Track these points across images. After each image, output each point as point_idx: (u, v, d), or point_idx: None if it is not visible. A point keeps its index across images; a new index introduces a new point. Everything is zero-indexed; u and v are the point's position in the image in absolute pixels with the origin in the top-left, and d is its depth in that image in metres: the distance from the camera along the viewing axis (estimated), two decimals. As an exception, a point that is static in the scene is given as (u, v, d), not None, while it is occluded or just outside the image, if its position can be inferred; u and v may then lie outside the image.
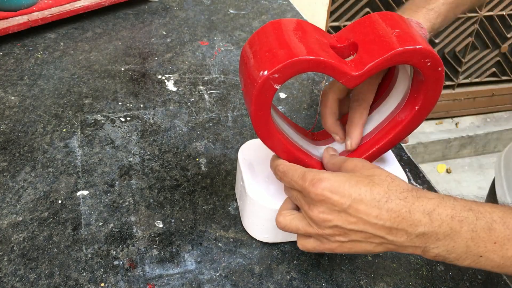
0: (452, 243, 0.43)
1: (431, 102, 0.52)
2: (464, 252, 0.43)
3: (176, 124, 0.76)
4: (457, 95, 2.20)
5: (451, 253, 0.44)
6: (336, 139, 0.58)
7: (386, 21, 0.49)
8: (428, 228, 0.43)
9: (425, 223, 0.43)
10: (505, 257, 0.43)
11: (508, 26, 2.05)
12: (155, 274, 0.55)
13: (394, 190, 0.44)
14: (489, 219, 0.43)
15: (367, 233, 0.45)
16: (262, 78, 0.45)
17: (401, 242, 0.44)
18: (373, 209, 0.43)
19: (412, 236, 0.43)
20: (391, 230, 0.44)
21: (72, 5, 0.96)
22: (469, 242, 0.43)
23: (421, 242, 0.44)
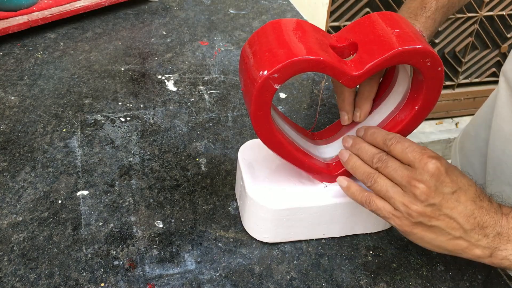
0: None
1: (431, 102, 0.52)
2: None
3: (176, 124, 0.76)
4: (457, 95, 2.20)
5: None
6: (344, 119, 0.59)
7: (386, 21, 0.50)
8: (503, 229, 0.47)
9: (503, 224, 0.47)
10: None
11: (508, 26, 2.05)
12: (155, 274, 0.55)
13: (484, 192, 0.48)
14: None
15: (455, 222, 0.47)
16: (262, 78, 0.45)
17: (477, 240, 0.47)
18: (471, 203, 0.46)
19: (490, 236, 0.47)
20: (476, 228, 0.46)
21: (72, 5, 0.96)
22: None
23: (495, 243, 0.47)
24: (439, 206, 0.46)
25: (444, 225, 0.47)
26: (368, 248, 0.60)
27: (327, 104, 0.83)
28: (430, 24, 0.64)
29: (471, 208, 0.46)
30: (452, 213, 0.46)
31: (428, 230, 0.48)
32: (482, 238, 0.47)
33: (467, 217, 0.46)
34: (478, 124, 0.78)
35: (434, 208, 0.47)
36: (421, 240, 0.49)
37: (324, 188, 0.57)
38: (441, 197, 0.46)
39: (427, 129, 2.19)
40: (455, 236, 0.47)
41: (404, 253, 0.59)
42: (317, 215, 0.57)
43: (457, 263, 0.59)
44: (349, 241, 0.60)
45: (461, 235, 0.47)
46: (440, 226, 0.47)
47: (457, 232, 0.47)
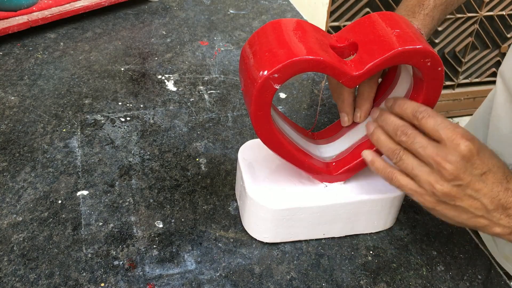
0: None
1: (431, 102, 0.52)
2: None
3: (176, 124, 0.76)
4: (457, 95, 2.20)
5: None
6: (344, 120, 0.58)
7: (386, 21, 0.50)
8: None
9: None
10: None
11: (508, 26, 2.05)
12: (155, 274, 0.55)
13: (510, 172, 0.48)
14: None
15: (480, 202, 0.47)
16: (262, 78, 0.45)
17: (500, 220, 0.47)
18: (498, 185, 0.46)
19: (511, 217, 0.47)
20: (500, 208, 0.47)
21: (72, 5, 0.96)
22: None
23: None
24: (466, 187, 0.46)
25: (468, 205, 0.47)
26: (368, 248, 0.60)
27: (327, 104, 0.83)
28: (428, 21, 0.63)
29: (497, 189, 0.46)
30: (478, 194, 0.46)
31: (451, 208, 0.48)
32: (504, 218, 0.47)
33: (491, 198, 0.46)
34: (476, 124, 0.78)
35: (460, 188, 0.46)
36: (443, 216, 0.49)
37: (324, 188, 0.57)
38: (469, 178, 0.46)
39: (427, 129, 2.19)
40: (477, 215, 0.47)
41: (404, 253, 0.60)
42: (317, 215, 0.57)
43: (457, 263, 0.59)
44: (349, 241, 0.60)
45: (483, 214, 0.47)
46: (463, 206, 0.47)
47: (479, 212, 0.47)
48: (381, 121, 0.51)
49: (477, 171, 0.46)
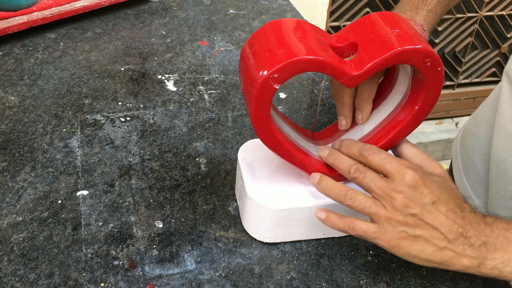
0: (507, 254, 0.46)
1: (431, 102, 0.52)
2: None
3: (176, 124, 0.76)
4: (457, 95, 2.20)
5: (506, 266, 0.46)
6: (342, 123, 0.59)
7: (386, 21, 0.50)
8: (488, 239, 0.46)
9: (488, 233, 0.46)
10: None
11: (508, 26, 2.05)
12: (155, 274, 0.55)
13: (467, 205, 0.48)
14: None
15: (438, 232, 0.46)
16: (262, 78, 0.45)
17: (463, 250, 0.47)
18: (452, 213, 0.46)
19: (475, 245, 0.46)
20: (459, 237, 0.46)
21: (72, 5, 0.96)
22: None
23: (481, 252, 0.46)
24: (420, 215, 0.46)
25: (428, 234, 0.47)
26: (368, 248, 0.60)
27: (327, 104, 0.83)
28: (432, 17, 0.63)
29: (452, 217, 0.46)
30: (434, 223, 0.46)
31: (413, 241, 0.47)
32: (468, 248, 0.46)
33: (449, 227, 0.46)
34: (479, 123, 0.78)
35: (416, 217, 0.47)
36: (409, 254, 0.48)
37: (324, 188, 0.57)
38: (421, 207, 0.46)
39: (427, 129, 2.19)
40: (440, 246, 0.47)
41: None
42: (317, 215, 0.57)
43: (457, 263, 0.59)
44: (349, 241, 0.60)
45: (446, 245, 0.47)
46: (424, 236, 0.47)
47: (442, 243, 0.47)
48: (333, 160, 0.53)
49: (427, 200, 0.46)
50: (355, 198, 0.49)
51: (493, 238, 0.46)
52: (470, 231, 0.46)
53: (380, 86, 0.59)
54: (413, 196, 0.46)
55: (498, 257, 0.46)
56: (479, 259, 0.46)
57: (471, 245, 0.46)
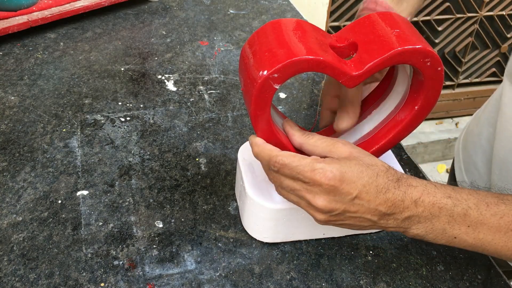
0: (431, 225, 0.48)
1: (431, 102, 0.52)
2: (441, 233, 0.49)
3: (176, 124, 0.76)
4: (457, 95, 2.20)
5: (429, 233, 0.49)
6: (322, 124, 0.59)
7: (386, 21, 0.49)
8: (413, 213, 0.48)
9: (411, 208, 0.47)
10: (476, 238, 0.49)
11: (508, 26, 2.05)
12: (155, 274, 0.55)
13: (391, 180, 0.48)
14: (465, 205, 0.48)
15: (363, 218, 0.48)
16: (262, 78, 0.45)
17: (388, 224, 0.49)
18: (375, 199, 0.47)
19: (399, 220, 0.48)
20: (384, 216, 0.48)
21: (72, 5, 0.96)
22: (446, 225, 0.48)
23: (405, 225, 0.49)
24: (343, 212, 0.48)
25: (353, 222, 0.49)
26: (368, 248, 0.60)
27: (327, 104, 0.83)
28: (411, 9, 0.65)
29: (375, 203, 0.47)
30: (357, 214, 0.48)
31: (341, 225, 0.50)
32: (391, 222, 0.48)
33: (372, 212, 0.47)
34: (481, 123, 0.78)
35: (339, 215, 0.48)
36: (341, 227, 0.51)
37: (324, 188, 0.57)
38: (343, 206, 0.47)
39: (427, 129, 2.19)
40: (367, 225, 0.49)
41: (404, 253, 0.59)
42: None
43: (457, 263, 0.59)
44: (349, 241, 0.60)
45: (371, 224, 0.49)
46: (350, 223, 0.49)
47: (367, 223, 0.49)
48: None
49: (348, 197, 0.47)
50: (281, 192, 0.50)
51: (417, 213, 0.48)
52: (393, 210, 0.47)
53: (380, 86, 0.59)
54: (333, 200, 0.47)
55: (421, 227, 0.48)
56: (404, 228, 0.49)
57: (395, 220, 0.48)
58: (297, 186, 0.48)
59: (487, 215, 0.48)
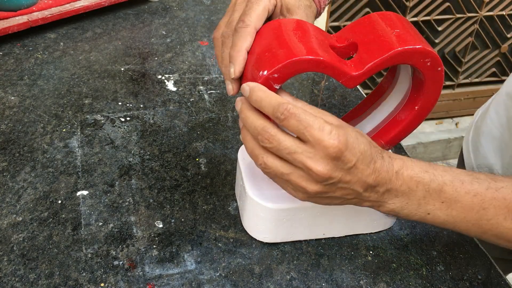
0: (407, 200, 0.48)
1: (431, 102, 0.52)
2: (415, 209, 0.49)
3: (176, 124, 0.76)
4: (457, 95, 2.20)
5: (404, 209, 0.49)
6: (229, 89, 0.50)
7: (386, 21, 0.49)
8: (393, 186, 0.47)
9: (392, 181, 0.47)
10: (449, 215, 0.49)
11: (508, 26, 2.05)
12: (155, 274, 0.55)
13: (378, 151, 0.47)
14: (440, 181, 0.48)
15: (351, 190, 0.47)
16: (262, 78, 0.45)
17: (370, 197, 0.48)
18: (367, 169, 0.46)
19: (379, 193, 0.47)
20: (369, 188, 0.47)
21: (72, 5, 0.96)
22: (421, 200, 0.48)
23: (384, 198, 0.48)
24: (337, 182, 0.45)
25: (340, 194, 0.47)
26: (368, 248, 0.60)
27: (327, 104, 0.83)
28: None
29: (365, 174, 0.45)
30: (348, 185, 0.46)
31: (324, 199, 0.48)
32: (373, 195, 0.47)
33: (361, 183, 0.46)
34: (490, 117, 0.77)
35: (332, 184, 0.45)
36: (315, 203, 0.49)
37: (324, 188, 0.57)
38: (340, 174, 0.45)
39: (427, 129, 2.19)
40: (348, 198, 0.48)
41: (404, 253, 0.60)
42: (317, 215, 0.57)
43: (457, 263, 0.59)
44: (349, 241, 0.60)
45: (355, 197, 0.48)
46: (336, 196, 0.47)
47: (351, 196, 0.47)
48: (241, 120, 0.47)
49: (347, 165, 0.44)
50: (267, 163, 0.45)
51: (396, 186, 0.47)
52: (379, 182, 0.46)
53: (380, 86, 0.59)
54: (334, 167, 0.44)
55: (397, 202, 0.48)
56: (380, 202, 0.48)
57: (376, 192, 0.47)
58: (298, 147, 0.43)
59: (461, 192, 0.48)
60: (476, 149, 0.81)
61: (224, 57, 0.51)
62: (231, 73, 0.49)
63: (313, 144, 0.43)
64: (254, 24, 0.49)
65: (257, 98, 0.45)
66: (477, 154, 0.80)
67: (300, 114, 0.43)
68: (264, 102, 0.45)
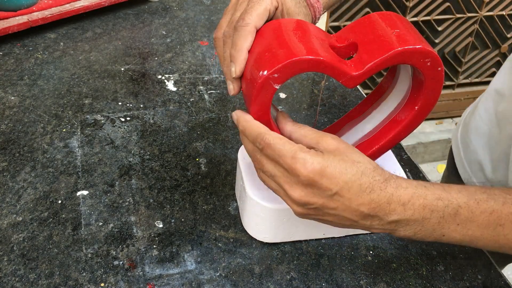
0: (420, 227, 0.47)
1: (431, 102, 0.52)
2: (430, 233, 0.48)
3: (176, 124, 0.76)
4: (457, 95, 2.20)
5: (417, 234, 0.47)
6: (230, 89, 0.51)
7: (386, 21, 0.49)
8: (401, 217, 0.46)
9: (399, 212, 0.45)
10: (465, 235, 0.48)
11: (508, 26, 2.05)
12: (155, 274, 0.55)
13: (377, 180, 0.45)
14: (455, 205, 0.47)
15: (342, 216, 0.46)
16: (262, 78, 0.45)
17: (372, 225, 0.47)
18: (357, 198, 0.44)
19: (384, 222, 0.46)
20: (367, 217, 0.46)
21: (72, 5, 0.96)
22: (435, 226, 0.47)
23: (392, 227, 0.47)
24: (322, 207, 0.45)
25: (333, 219, 0.47)
26: (368, 248, 0.60)
27: (327, 104, 0.83)
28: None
29: (356, 202, 0.44)
30: (337, 212, 0.45)
31: (321, 221, 0.48)
32: (376, 223, 0.46)
33: (353, 211, 0.45)
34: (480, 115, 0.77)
35: (317, 209, 0.46)
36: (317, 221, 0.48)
37: (324, 188, 0.57)
38: (321, 201, 0.45)
39: (427, 129, 2.19)
40: (348, 224, 0.47)
41: (404, 253, 0.59)
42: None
43: (457, 263, 0.59)
44: (349, 241, 0.60)
45: (352, 224, 0.47)
46: (329, 220, 0.47)
47: (347, 222, 0.46)
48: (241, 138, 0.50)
49: (327, 193, 0.44)
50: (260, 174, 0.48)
51: (406, 217, 0.46)
52: (377, 212, 0.45)
53: (380, 86, 0.59)
54: (310, 194, 0.44)
55: (409, 229, 0.47)
56: (390, 230, 0.47)
57: (379, 220, 0.46)
58: (277, 172, 0.46)
59: (476, 212, 0.47)
60: (466, 145, 0.81)
61: (226, 57, 0.51)
62: (232, 73, 0.49)
63: (288, 170, 0.45)
64: (254, 23, 0.49)
65: (241, 128, 0.49)
66: (467, 150, 0.81)
67: (276, 144, 0.45)
68: (247, 131, 0.48)
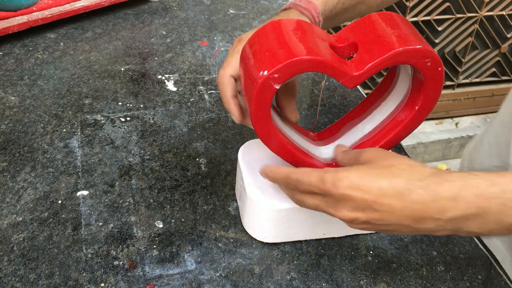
0: (482, 220, 0.43)
1: (431, 102, 0.52)
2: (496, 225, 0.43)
3: (176, 124, 0.76)
4: (457, 95, 2.20)
5: (483, 229, 0.44)
6: (235, 117, 0.55)
7: (386, 21, 0.50)
8: (456, 213, 0.43)
9: (451, 208, 0.43)
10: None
11: (508, 26, 2.05)
12: (155, 274, 0.55)
13: (414, 179, 0.43)
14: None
15: (394, 224, 0.44)
16: (262, 78, 0.45)
17: (430, 228, 0.44)
18: (396, 202, 0.43)
19: (440, 222, 0.43)
20: (418, 220, 0.44)
21: (72, 5, 0.96)
22: (500, 215, 0.43)
23: (452, 225, 0.44)
24: (368, 221, 0.45)
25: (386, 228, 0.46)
26: (368, 248, 0.60)
27: (327, 104, 0.83)
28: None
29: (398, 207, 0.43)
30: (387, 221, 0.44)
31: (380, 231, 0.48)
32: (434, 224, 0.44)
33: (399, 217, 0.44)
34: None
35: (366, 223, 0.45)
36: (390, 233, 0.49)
37: (324, 188, 0.57)
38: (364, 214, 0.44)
39: (427, 129, 2.19)
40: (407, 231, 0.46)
41: (404, 253, 0.59)
42: (317, 215, 0.57)
43: (457, 263, 0.59)
44: (349, 241, 0.60)
45: (411, 230, 0.45)
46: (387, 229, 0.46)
47: (405, 229, 0.45)
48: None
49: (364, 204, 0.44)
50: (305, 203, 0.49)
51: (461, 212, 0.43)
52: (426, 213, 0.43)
53: (380, 86, 0.59)
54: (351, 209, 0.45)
55: (472, 224, 0.44)
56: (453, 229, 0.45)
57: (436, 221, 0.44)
58: (317, 201, 0.47)
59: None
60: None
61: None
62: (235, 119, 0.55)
63: (323, 195, 0.46)
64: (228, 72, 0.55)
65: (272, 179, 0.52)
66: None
67: (303, 177, 0.47)
68: (278, 180, 0.51)
